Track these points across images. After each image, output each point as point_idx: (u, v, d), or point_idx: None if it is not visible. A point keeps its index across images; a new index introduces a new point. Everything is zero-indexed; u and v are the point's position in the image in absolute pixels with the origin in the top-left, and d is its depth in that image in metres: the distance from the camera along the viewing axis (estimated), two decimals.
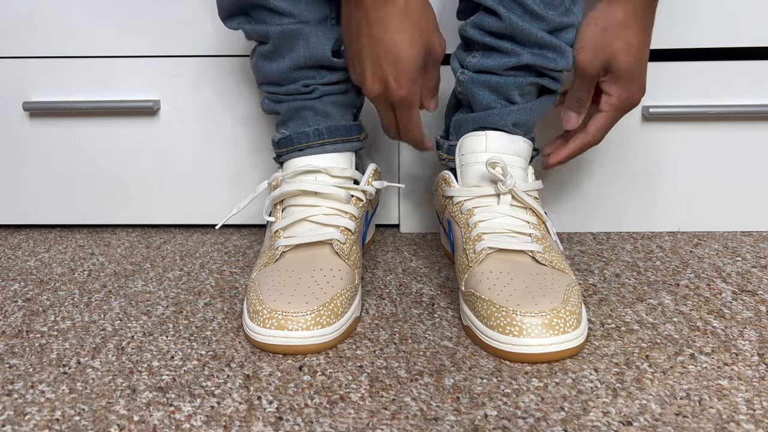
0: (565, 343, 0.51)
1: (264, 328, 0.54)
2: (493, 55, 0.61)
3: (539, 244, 0.59)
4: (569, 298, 0.53)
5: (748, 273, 0.69)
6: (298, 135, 0.65)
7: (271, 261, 0.61)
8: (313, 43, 0.62)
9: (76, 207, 0.85)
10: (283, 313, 0.53)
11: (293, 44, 0.62)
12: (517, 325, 0.51)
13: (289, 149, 0.66)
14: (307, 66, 0.63)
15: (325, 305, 0.54)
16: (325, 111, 0.65)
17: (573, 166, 0.79)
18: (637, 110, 0.77)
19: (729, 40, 0.74)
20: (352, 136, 0.67)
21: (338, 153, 0.65)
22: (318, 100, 0.65)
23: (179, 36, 0.78)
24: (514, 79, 0.61)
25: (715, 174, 0.79)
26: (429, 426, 0.45)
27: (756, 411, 0.46)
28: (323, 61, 0.63)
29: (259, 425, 0.45)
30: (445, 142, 0.67)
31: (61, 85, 0.80)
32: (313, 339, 0.53)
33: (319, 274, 0.58)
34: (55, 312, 0.63)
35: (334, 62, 0.63)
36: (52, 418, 0.47)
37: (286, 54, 0.63)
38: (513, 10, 0.58)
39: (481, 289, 0.56)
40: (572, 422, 0.45)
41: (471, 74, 0.62)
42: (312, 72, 0.64)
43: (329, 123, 0.65)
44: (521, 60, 0.59)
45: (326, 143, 0.65)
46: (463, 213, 0.62)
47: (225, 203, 0.84)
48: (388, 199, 0.83)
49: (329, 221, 0.62)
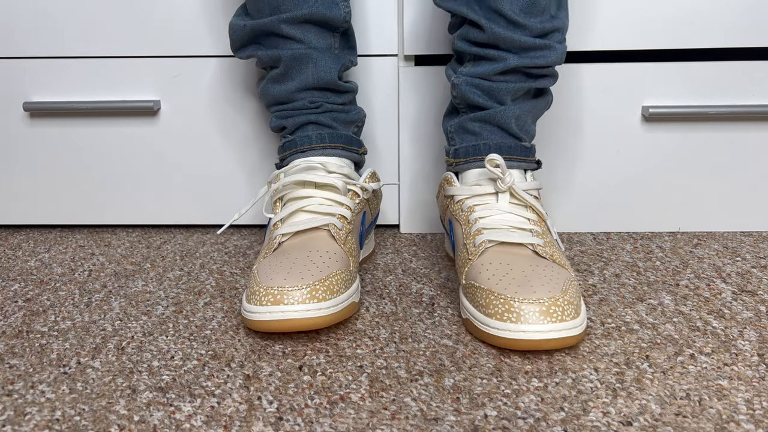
0: (563, 331, 0.51)
1: (261, 306, 0.54)
2: (482, 63, 0.63)
3: (540, 238, 0.60)
4: (568, 290, 0.54)
5: (748, 273, 0.69)
6: (301, 138, 0.68)
7: (270, 251, 0.61)
8: (321, 66, 0.67)
9: (76, 207, 0.85)
10: (279, 288, 0.54)
11: (302, 67, 0.66)
12: (515, 312, 0.52)
13: (291, 152, 0.68)
14: (315, 87, 0.68)
15: (321, 281, 0.55)
16: (329, 124, 0.69)
17: (573, 166, 0.79)
18: (637, 110, 0.77)
19: (729, 40, 0.74)
20: (353, 147, 0.69)
21: (338, 157, 0.68)
22: (322, 115, 0.68)
23: (179, 36, 0.78)
24: (505, 84, 0.63)
25: (715, 174, 0.79)
26: (429, 426, 0.45)
27: (756, 411, 0.46)
28: (330, 83, 0.67)
29: (259, 425, 0.45)
30: (450, 148, 0.68)
31: (61, 85, 0.80)
32: (310, 312, 0.53)
33: (315, 255, 0.58)
34: (55, 312, 0.63)
35: (339, 85, 0.68)
36: (52, 418, 0.47)
37: (295, 76, 0.67)
38: (494, 20, 0.60)
39: (480, 280, 0.56)
40: (572, 422, 0.45)
41: (464, 77, 0.64)
42: (318, 93, 0.68)
43: (332, 131, 0.68)
44: (508, 64, 0.62)
45: (328, 147, 0.68)
46: (464, 210, 0.63)
47: (225, 203, 0.84)
48: (388, 199, 0.83)
49: (326, 210, 0.63)
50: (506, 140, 0.65)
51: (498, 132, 0.65)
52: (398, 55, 0.78)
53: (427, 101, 0.78)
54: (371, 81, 0.79)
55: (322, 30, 0.66)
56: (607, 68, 0.76)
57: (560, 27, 0.62)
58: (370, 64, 0.78)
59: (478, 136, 0.65)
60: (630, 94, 0.76)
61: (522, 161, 0.65)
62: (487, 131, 0.65)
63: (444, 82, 0.78)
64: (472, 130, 0.66)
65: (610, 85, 0.76)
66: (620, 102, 0.77)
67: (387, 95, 0.79)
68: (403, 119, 0.79)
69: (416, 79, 0.78)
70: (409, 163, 0.81)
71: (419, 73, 0.77)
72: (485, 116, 0.64)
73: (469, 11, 0.61)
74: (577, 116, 0.78)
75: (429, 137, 0.80)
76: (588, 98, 0.77)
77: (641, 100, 0.77)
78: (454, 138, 0.67)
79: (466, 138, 0.66)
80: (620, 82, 0.76)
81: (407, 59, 0.78)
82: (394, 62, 0.78)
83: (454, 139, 0.67)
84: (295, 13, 0.64)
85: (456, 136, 0.67)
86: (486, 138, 0.65)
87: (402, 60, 0.78)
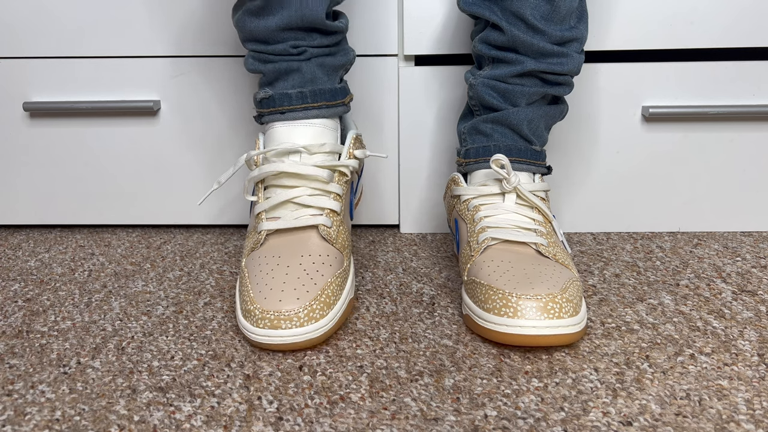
0: (560, 328, 0.51)
1: (258, 328, 0.54)
2: (500, 66, 0.64)
3: (544, 238, 0.60)
4: (567, 288, 0.54)
5: (748, 273, 0.69)
6: (280, 96, 0.63)
7: (257, 246, 0.60)
8: (307, 1, 0.60)
9: (76, 207, 0.85)
10: (275, 312, 0.53)
11: (285, 1, 0.60)
12: (513, 307, 0.52)
13: (270, 110, 0.64)
14: (298, 27, 0.61)
15: (316, 298, 0.54)
16: (312, 74, 0.63)
17: (573, 166, 0.79)
18: (637, 110, 0.77)
19: (729, 40, 0.74)
20: (337, 101, 0.65)
21: (321, 120, 0.64)
22: (306, 62, 0.63)
23: (179, 36, 0.78)
24: (521, 87, 0.63)
25: (715, 174, 0.79)
26: (429, 426, 0.45)
27: (756, 411, 0.46)
28: (316, 22, 0.61)
29: (259, 425, 0.45)
30: (461, 149, 0.68)
31: (61, 85, 0.80)
32: (308, 335, 0.53)
33: (308, 261, 0.57)
34: (55, 312, 0.63)
35: (327, 25, 0.62)
36: (52, 418, 0.47)
37: (276, 11, 0.60)
38: (515, 24, 0.61)
39: (481, 276, 0.57)
40: (572, 422, 0.45)
41: (482, 79, 0.65)
42: (302, 34, 0.62)
43: (314, 87, 0.63)
44: (525, 67, 0.62)
45: (309, 107, 0.63)
46: (470, 210, 0.64)
47: (225, 203, 0.84)
48: (388, 199, 0.83)
49: (313, 202, 0.61)
50: (517, 143, 0.65)
51: (509, 134, 0.65)
52: (398, 55, 0.78)
53: (428, 101, 0.78)
54: (371, 81, 0.79)
55: None
56: (607, 68, 0.76)
57: (579, 37, 0.63)
58: (370, 64, 0.78)
59: (489, 138, 0.66)
60: (630, 94, 0.76)
61: (531, 164, 0.65)
62: (498, 133, 0.65)
63: (444, 83, 0.78)
64: (483, 132, 0.66)
65: (610, 85, 0.76)
66: (620, 102, 0.77)
67: (387, 95, 0.79)
68: (403, 119, 0.79)
69: (416, 79, 0.78)
70: (409, 164, 0.81)
71: (419, 73, 0.77)
72: (498, 117, 0.65)
73: (492, 14, 0.62)
74: (577, 116, 0.78)
75: (429, 137, 0.80)
76: (588, 98, 0.77)
77: (641, 100, 0.77)
78: (466, 139, 0.68)
79: (477, 139, 0.67)
80: (620, 82, 0.76)
81: (407, 59, 0.78)
82: (394, 62, 0.78)
83: (466, 140, 0.68)
84: None
85: (468, 138, 0.68)
86: (497, 140, 0.65)
87: (402, 60, 0.78)
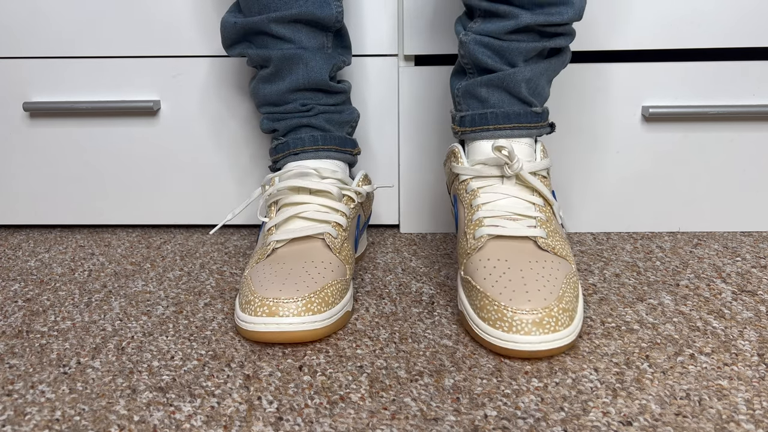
0: (555, 341, 0.51)
1: (255, 317, 0.54)
2: (493, 20, 0.59)
3: (542, 228, 0.58)
4: (565, 293, 0.53)
5: (748, 273, 0.69)
6: (294, 141, 0.68)
7: (263, 257, 0.61)
8: (312, 66, 0.65)
9: (76, 207, 0.85)
10: (274, 299, 0.54)
11: (293, 67, 0.65)
12: (508, 321, 0.51)
13: (284, 154, 0.68)
14: (306, 88, 0.67)
15: (316, 293, 0.55)
16: (322, 126, 0.68)
17: (573, 166, 0.79)
18: (637, 110, 0.77)
19: (729, 40, 0.74)
20: (346, 148, 0.69)
21: (331, 159, 0.68)
22: (315, 118, 0.68)
23: (179, 36, 0.78)
24: (517, 44, 0.59)
25: (715, 174, 0.79)
26: (429, 426, 0.45)
27: (756, 411, 0.46)
28: (321, 84, 0.66)
29: (259, 425, 0.45)
30: (456, 114, 0.65)
31: (61, 85, 0.80)
32: (305, 325, 0.53)
33: (311, 265, 0.58)
34: (55, 312, 0.63)
35: (331, 86, 0.67)
36: (52, 418, 0.47)
37: (285, 76, 0.66)
38: None
39: (477, 278, 0.56)
40: (572, 422, 0.45)
41: (473, 35, 0.61)
42: (310, 94, 0.67)
43: (325, 134, 0.68)
44: (520, 22, 0.58)
45: (320, 149, 0.67)
46: (468, 193, 0.62)
47: (225, 203, 0.84)
48: (388, 199, 0.83)
49: (321, 217, 0.63)
50: (514, 107, 0.62)
51: (506, 98, 0.62)
52: (398, 55, 0.78)
53: (427, 102, 0.78)
54: (371, 81, 0.79)
55: (314, 29, 0.65)
56: (607, 68, 0.76)
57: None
58: (370, 64, 0.78)
59: (485, 103, 0.62)
60: (630, 94, 0.76)
61: (531, 128, 0.62)
62: (494, 98, 0.62)
63: (444, 83, 0.78)
64: (479, 96, 0.62)
65: (610, 85, 0.76)
66: (620, 102, 0.77)
67: (387, 95, 0.79)
68: (403, 119, 0.79)
69: (416, 79, 0.78)
70: (409, 164, 0.81)
71: (419, 73, 0.77)
72: (494, 80, 0.61)
73: None
74: (577, 116, 0.78)
75: (429, 138, 0.80)
76: (588, 98, 0.77)
77: (641, 100, 0.77)
78: (461, 103, 0.64)
79: (473, 104, 0.63)
80: (620, 82, 0.76)
81: (407, 59, 0.78)
82: (394, 62, 0.78)
83: (461, 104, 0.64)
84: (285, 13, 0.63)
85: (463, 101, 0.64)
86: (493, 106, 0.62)
87: (402, 60, 0.78)
